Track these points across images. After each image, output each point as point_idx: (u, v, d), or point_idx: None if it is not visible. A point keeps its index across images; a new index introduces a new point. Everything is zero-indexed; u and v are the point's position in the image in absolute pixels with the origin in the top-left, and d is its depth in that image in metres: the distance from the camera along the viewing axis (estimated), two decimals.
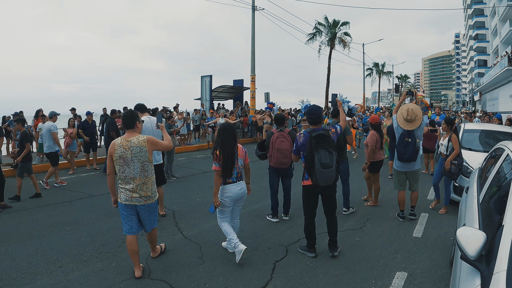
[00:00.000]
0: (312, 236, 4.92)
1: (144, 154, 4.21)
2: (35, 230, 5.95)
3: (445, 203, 7.02)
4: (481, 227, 2.81)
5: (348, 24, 38.43)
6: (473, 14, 63.42)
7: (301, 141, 4.77)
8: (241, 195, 4.86)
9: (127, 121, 4.32)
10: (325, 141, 4.53)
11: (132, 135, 4.26)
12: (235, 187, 4.78)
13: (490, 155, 4.62)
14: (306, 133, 4.73)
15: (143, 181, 4.24)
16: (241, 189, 4.85)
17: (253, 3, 22.48)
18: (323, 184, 4.54)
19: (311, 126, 4.85)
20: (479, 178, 4.32)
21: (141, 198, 4.25)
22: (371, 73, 63.70)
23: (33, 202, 7.72)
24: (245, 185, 4.95)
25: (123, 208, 4.29)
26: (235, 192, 4.77)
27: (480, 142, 9.05)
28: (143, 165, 4.23)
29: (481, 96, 56.99)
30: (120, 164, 4.18)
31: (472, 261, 2.12)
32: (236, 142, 4.79)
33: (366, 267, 4.63)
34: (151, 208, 4.41)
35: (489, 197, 3.20)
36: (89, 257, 4.89)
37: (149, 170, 4.30)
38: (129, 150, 4.15)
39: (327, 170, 4.45)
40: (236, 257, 4.62)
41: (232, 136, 4.71)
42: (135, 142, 4.18)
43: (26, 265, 4.66)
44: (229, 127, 4.81)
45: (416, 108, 6.11)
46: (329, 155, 4.47)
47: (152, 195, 4.35)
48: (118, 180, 4.30)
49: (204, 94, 23.48)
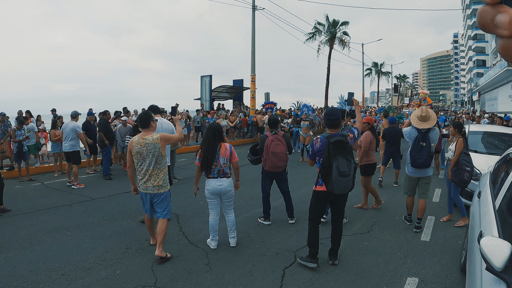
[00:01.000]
0: (315, 244, 4.67)
1: (157, 150, 4.83)
2: (36, 236, 5.84)
3: (462, 214, 6.35)
4: (501, 235, 2.72)
5: (348, 24, 38.41)
6: (472, 14, 63.51)
7: (318, 146, 4.52)
8: (220, 191, 5.12)
9: (143, 121, 4.93)
10: (343, 148, 4.37)
11: (147, 134, 4.88)
12: (214, 182, 5.09)
13: (504, 159, 4.53)
14: (323, 138, 4.50)
15: (156, 173, 4.86)
16: (221, 185, 5.10)
17: (253, 3, 22.35)
18: (339, 192, 4.38)
19: (328, 129, 4.62)
20: (491, 182, 4.23)
21: (154, 187, 4.87)
22: (370, 73, 63.70)
23: (33, 205, 7.59)
24: (227, 182, 5.14)
25: (141, 195, 5.03)
26: (214, 187, 5.09)
27: (484, 144, 8.96)
28: (157, 159, 4.85)
29: (480, 96, 57.01)
30: (137, 159, 4.85)
31: (499, 272, 2.06)
32: (218, 141, 5.05)
33: (376, 272, 4.54)
34: (163, 197, 4.96)
35: (509, 204, 3.10)
36: (93, 264, 4.77)
37: (162, 163, 4.91)
38: (145, 146, 4.78)
39: (344, 179, 4.29)
40: (211, 244, 5.31)
41: (213, 135, 5.03)
42: (149, 139, 4.80)
43: (27, 273, 4.55)
44: (210, 127, 5.15)
45: (429, 109, 5.94)
46: (347, 163, 4.32)
47: (164, 184, 4.94)
48: (136, 172, 4.95)
49: (204, 94, 23.37)
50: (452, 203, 6.60)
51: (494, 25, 0.52)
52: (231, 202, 5.36)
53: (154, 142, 4.81)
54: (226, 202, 5.29)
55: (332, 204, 4.72)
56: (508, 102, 34.89)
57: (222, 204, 5.33)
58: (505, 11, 0.51)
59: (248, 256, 5.02)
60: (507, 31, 0.51)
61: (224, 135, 5.63)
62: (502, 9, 0.51)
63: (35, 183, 9.90)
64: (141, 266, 4.72)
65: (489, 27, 0.53)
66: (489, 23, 0.53)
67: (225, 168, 5.12)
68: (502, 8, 0.51)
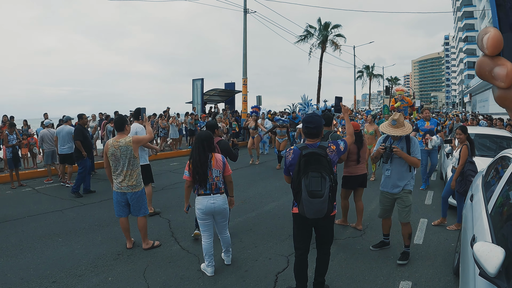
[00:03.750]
0: (302, 278, 3.96)
1: (130, 152, 5.19)
2: (26, 242, 5.76)
3: (458, 220, 5.97)
4: (494, 240, 2.72)
5: (340, 27, 38.55)
6: (463, 16, 64.07)
7: (290, 159, 3.79)
8: (213, 209, 4.46)
9: (118, 125, 5.32)
10: (318, 162, 3.55)
11: (121, 137, 5.24)
12: (206, 200, 4.43)
13: (495, 162, 4.55)
14: (296, 150, 3.77)
15: (130, 173, 5.21)
16: (215, 203, 4.45)
17: (245, 6, 22.36)
18: (311, 216, 3.58)
19: (307, 139, 3.88)
20: (483, 186, 4.24)
21: (128, 187, 5.21)
22: (362, 75, 63.94)
23: (24, 211, 7.50)
24: (221, 198, 4.50)
25: (115, 195, 5.29)
26: (206, 205, 4.42)
27: (476, 146, 8.98)
28: (130, 160, 5.19)
29: (471, 97, 57.48)
30: (112, 160, 5.19)
31: (492, 278, 2.05)
32: (209, 151, 4.48)
33: (370, 276, 4.53)
34: (138, 196, 5.30)
35: (501, 209, 3.11)
36: (84, 271, 4.71)
37: (135, 164, 5.26)
38: (119, 149, 5.14)
39: (316, 200, 3.48)
40: (207, 270, 4.63)
41: (202, 145, 4.44)
42: (123, 142, 5.17)
43: (18, 280, 4.48)
44: (199, 137, 4.53)
45: (401, 116, 5.06)
46: (321, 181, 3.48)
47: (138, 183, 5.29)
48: (112, 173, 5.26)
49: (196, 98, 23.33)
50: (446, 207, 6.46)
51: (492, 76, 0.54)
52: (226, 221, 4.77)
53: (127, 145, 5.16)
54: (220, 222, 4.65)
55: (315, 228, 3.93)
56: None
57: (215, 225, 4.67)
58: (503, 64, 0.53)
59: (240, 261, 4.98)
60: (504, 83, 0.53)
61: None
62: (500, 62, 0.53)
63: (26, 188, 9.80)
64: (133, 272, 4.68)
65: (487, 77, 0.55)
66: (487, 74, 0.55)
67: (218, 182, 4.50)
68: (500, 61, 0.53)
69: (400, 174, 4.94)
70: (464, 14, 63.28)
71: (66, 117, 10.45)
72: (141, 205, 5.35)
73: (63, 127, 10.00)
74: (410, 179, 4.98)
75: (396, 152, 4.74)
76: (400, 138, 4.96)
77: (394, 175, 4.97)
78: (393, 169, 4.97)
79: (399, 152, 4.75)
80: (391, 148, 4.79)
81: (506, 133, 9.78)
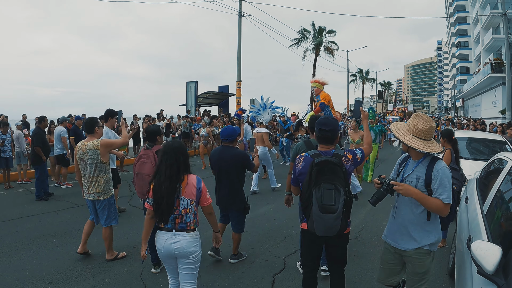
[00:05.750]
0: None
1: (97, 156, 4.80)
2: (21, 243, 5.73)
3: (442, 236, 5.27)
4: (490, 239, 2.77)
5: (335, 33, 38.81)
6: (456, 22, 64.64)
7: (300, 167, 3.33)
8: (174, 252, 3.15)
9: (88, 127, 5.01)
10: (332, 172, 3.07)
11: (90, 139, 4.89)
12: (166, 238, 3.16)
13: (490, 165, 4.61)
14: (308, 157, 3.28)
15: (96, 179, 4.85)
16: (176, 243, 3.13)
17: (240, 9, 22.48)
18: (322, 233, 3.09)
19: (319, 145, 3.41)
20: (478, 188, 4.30)
21: (94, 194, 4.88)
22: (355, 79, 64.30)
23: (18, 212, 7.47)
24: (186, 238, 3.17)
25: (86, 200, 5.05)
26: (164, 245, 3.16)
27: (469, 150, 9.11)
28: (97, 165, 4.82)
29: (464, 102, 57.99)
30: (80, 164, 4.89)
31: (490, 276, 2.13)
32: (181, 171, 3.15)
33: (366, 278, 4.58)
34: (104, 205, 4.95)
35: (496, 209, 3.16)
36: (80, 273, 4.70)
37: (102, 170, 4.88)
38: (86, 152, 4.79)
39: (328, 216, 2.99)
40: None
41: (175, 161, 3.13)
42: (90, 145, 4.80)
43: (13, 281, 4.46)
44: (169, 148, 3.20)
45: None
46: (334, 194, 3.01)
47: (105, 191, 4.92)
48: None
49: (190, 100, 23.38)
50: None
51: None
52: (194, 271, 3.29)
53: (94, 148, 4.77)
54: (184, 269, 3.25)
55: (326, 245, 3.44)
56: (491, 108, 35.62)
57: (179, 273, 3.31)
58: None
59: (237, 263, 4.99)
60: None
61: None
62: None
63: (19, 189, 9.75)
64: (130, 274, 4.67)
65: None
66: None
67: (185, 216, 3.16)
68: None
69: (414, 219, 3.06)
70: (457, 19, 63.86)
71: (62, 118, 10.51)
72: (107, 215, 4.96)
73: (57, 127, 10.20)
74: (433, 230, 3.04)
75: (400, 189, 2.94)
76: (420, 158, 3.08)
77: (404, 218, 3.12)
78: (402, 207, 3.16)
79: (404, 190, 2.92)
80: (389, 184, 2.99)
81: (498, 137, 9.90)
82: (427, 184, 2.91)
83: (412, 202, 3.01)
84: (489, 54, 40.23)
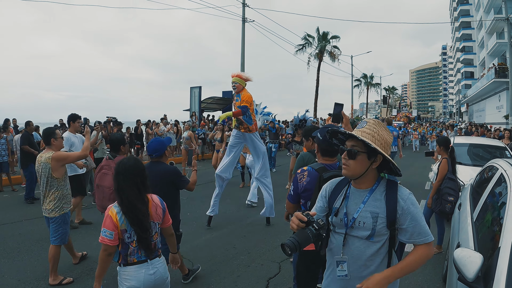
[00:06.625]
0: None
1: (48, 170, 4.42)
2: (24, 245, 5.85)
3: (438, 242, 5.62)
4: (476, 247, 2.82)
5: (338, 38, 38.93)
6: (460, 26, 64.43)
7: (304, 183, 2.99)
8: (155, 283, 2.80)
9: (44, 138, 4.67)
10: None
11: (46, 151, 4.52)
12: (144, 271, 2.76)
13: (482, 172, 4.64)
14: (312, 171, 2.99)
15: (47, 195, 4.49)
16: (155, 273, 2.80)
17: (244, 15, 22.60)
18: None
19: (322, 157, 3.12)
20: (471, 195, 4.34)
21: (45, 210, 4.52)
22: (359, 84, 64.28)
23: (21, 215, 7.59)
24: (162, 265, 2.89)
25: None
26: (143, 280, 2.74)
27: (470, 155, 9.14)
28: (47, 180, 4.45)
29: (468, 107, 57.77)
30: (38, 177, 4.56)
31: (470, 283, 2.13)
32: (145, 192, 2.82)
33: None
34: (55, 222, 4.51)
35: (483, 217, 3.22)
36: (80, 274, 4.80)
37: (53, 186, 4.48)
38: (40, 165, 4.45)
39: None
40: None
41: (133, 184, 2.74)
42: (43, 158, 4.44)
43: (15, 282, 4.57)
44: (124, 168, 2.78)
45: None
46: None
47: (55, 208, 4.49)
48: None
49: (193, 105, 23.43)
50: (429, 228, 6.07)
51: None
52: None
53: (45, 162, 4.39)
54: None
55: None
56: (495, 113, 35.47)
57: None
58: None
59: (233, 267, 5.07)
60: None
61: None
62: None
63: (23, 192, 9.85)
64: None
65: None
66: None
67: (157, 241, 2.88)
68: None
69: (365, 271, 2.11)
70: (461, 24, 63.64)
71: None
72: (55, 232, 4.51)
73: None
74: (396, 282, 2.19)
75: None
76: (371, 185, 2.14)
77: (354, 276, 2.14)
78: (352, 261, 2.13)
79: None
80: (322, 228, 1.97)
81: (499, 143, 9.92)
82: (390, 223, 2.05)
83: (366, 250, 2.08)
84: (493, 59, 40.15)
